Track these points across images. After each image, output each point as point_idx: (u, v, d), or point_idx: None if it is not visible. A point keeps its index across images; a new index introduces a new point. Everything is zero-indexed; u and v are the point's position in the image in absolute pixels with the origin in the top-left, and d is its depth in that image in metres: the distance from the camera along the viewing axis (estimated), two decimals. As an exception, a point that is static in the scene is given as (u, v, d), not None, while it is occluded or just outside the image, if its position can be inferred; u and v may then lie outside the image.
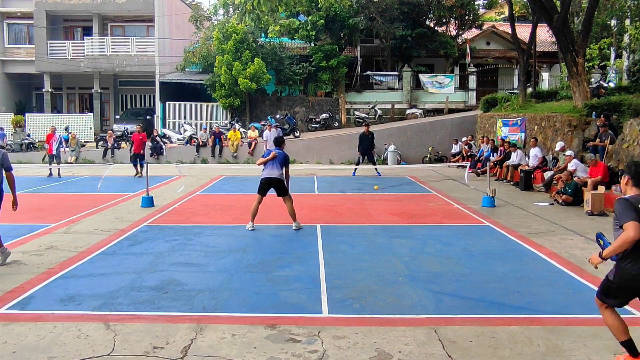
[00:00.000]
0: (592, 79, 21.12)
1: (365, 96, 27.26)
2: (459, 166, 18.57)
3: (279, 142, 9.31)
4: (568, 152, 12.48)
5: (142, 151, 17.56)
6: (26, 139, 24.50)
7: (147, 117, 27.66)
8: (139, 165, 17.11)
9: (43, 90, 28.56)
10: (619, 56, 24.36)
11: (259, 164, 9.11)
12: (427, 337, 4.50)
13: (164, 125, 26.30)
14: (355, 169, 17.58)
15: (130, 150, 18.55)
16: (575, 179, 11.50)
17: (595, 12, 17.60)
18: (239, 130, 23.03)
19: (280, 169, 8.87)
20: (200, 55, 27.20)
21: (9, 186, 6.79)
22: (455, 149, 21.03)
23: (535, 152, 14.46)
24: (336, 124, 25.90)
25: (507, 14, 26.42)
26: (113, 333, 4.58)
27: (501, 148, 17.02)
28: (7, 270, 6.53)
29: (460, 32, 29.49)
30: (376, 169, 17.52)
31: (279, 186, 8.84)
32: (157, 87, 27.38)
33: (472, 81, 28.06)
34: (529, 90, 21.36)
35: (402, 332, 4.59)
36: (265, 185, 8.85)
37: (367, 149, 17.65)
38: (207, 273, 6.43)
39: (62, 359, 4.12)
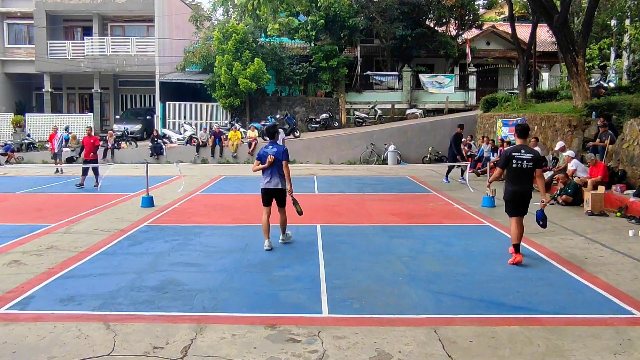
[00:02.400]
0: (592, 79, 21.12)
1: (365, 96, 27.25)
2: (458, 166, 18.56)
3: (271, 133, 7.86)
4: (568, 152, 12.47)
5: (94, 157, 14.68)
6: (26, 139, 24.51)
7: (147, 117, 27.69)
8: (95, 175, 14.45)
9: (43, 90, 28.52)
10: (619, 56, 24.36)
11: (254, 170, 7.90)
12: (427, 337, 4.50)
13: (164, 125, 26.29)
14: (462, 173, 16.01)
15: (80, 155, 15.50)
16: (575, 179, 11.50)
17: (595, 12, 17.60)
18: (238, 130, 23.05)
19: (281, 175, 7.62)
20: (200, 55, 27.20)
21: None
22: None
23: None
24: (336, 124, 25.90)
25: (507, 14, 26.43)
26: (113, 333, 4.58)
27: (501, 148, 17.00)
28: (7, 270, 6.53)
29: (460, 32, 29.48)
30: (446, 174, 16.20)
31: (280, 197, 7.73)
32: (157, 87, 27.37)
33: (472, 81, 28.04)
34: (529, 90, 21.36)
35: (402, 332, 4.59)
36: (266, 196, 7.73)
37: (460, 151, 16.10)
38: (207, 273, 6.43)
39: (62, 359, 4.12)
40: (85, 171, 14.47)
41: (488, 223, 9.45)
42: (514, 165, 6.61)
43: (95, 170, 14.58)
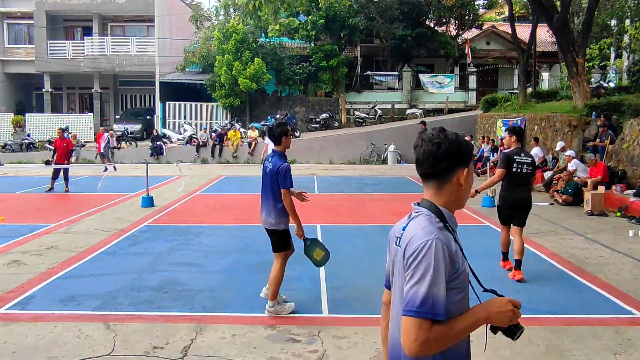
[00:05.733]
0: (592, 79, 21.13)
1: (365, 96, 27.25)
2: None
3: (275, 135, 5.01)
4: (568, 152, 12.48)
5: (66, 162, 13.74)
6: (26, 139, 24.52)
7: (147, 117, 27.70)
8: (65, 180, 13.56)
9: (43, 90, 28.53)
10: (619, 56, 24.37)
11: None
12: (427, 337, 4.49)
13: (164, 125, 26.30)
14: None
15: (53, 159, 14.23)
16: (575, 179, 11.50)
17: (595, 12, 17.61)
18: (238, 130, 23.06)
19: (275, 206, 4.99)
20: (200, 55, 27.20)
21: None
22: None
23: (535, 152, 14.45)
24: (336, 124, 25.90)
25: (507, 14, 26.41)
26: (113, 333, 4.58)
27: (501, 148, 17.01)
28: (7, 270, 6.53)
29: (460, 32, 29.49)
30: None
31: (274, 239, 5.14)
32: (157, 87, 27.37)
33: (472, 81, 28.06)
34: (529, 90, 21.36)
35: (402, 332, 4.57)
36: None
37: None
38: (207, 273, 6.43)
39: (62, 359, 4.12)
40: (56, 176, 13.66)
41: (488, 223, 9.45)
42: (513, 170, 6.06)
43: (66, 174, 13.69)
